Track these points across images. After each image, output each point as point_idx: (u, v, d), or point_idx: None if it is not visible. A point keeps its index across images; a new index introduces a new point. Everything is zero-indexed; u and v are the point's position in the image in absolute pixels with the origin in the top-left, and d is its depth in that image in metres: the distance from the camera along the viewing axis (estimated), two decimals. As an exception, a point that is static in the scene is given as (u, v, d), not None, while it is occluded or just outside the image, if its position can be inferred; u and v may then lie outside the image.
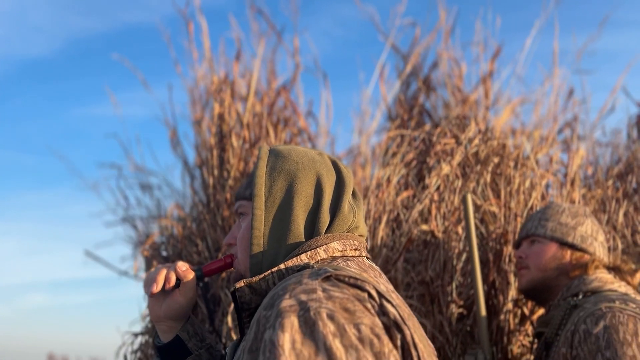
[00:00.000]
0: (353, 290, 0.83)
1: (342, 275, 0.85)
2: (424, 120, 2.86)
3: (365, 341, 0.78)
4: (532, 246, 1.74)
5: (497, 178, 2.34)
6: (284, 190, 0.98)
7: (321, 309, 0.78)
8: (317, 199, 0.98)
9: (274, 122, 2.51)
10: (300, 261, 0.93)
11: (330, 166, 1.02)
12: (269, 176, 1.00)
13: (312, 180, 0.99)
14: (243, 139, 2.42)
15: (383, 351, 0.78)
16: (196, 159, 2.59)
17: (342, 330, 0.77)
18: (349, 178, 1.02)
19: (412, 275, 2.14)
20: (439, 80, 2.92)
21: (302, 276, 0.85)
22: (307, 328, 0.77)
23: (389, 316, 0.82)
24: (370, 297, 0.83)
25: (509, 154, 2.37)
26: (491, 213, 2.25)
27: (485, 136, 2.41)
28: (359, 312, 0.80)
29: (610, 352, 1.42)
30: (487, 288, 2.11)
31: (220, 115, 2.42)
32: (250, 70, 2.53)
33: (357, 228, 1.02)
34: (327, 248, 0.95)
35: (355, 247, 0.99)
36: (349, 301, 0.81)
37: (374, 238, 2.16)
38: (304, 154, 1.02)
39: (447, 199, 2.25)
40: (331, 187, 1.00)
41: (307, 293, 0.81)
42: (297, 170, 0.99)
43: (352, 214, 1.00)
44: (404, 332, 0.82)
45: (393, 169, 2.31)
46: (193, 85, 2.55)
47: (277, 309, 0.80)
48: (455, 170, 2.30)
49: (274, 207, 0.98)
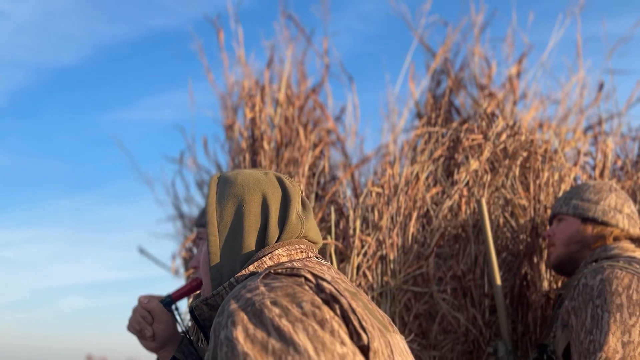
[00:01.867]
0: (291, 279, 0.93)
1: (280, 269, 0.95)
2: (452, 117, 2.88)
3: (308, 314, 0.86)
4: (559, 224, 1.84)
5: (526, 172, 2.36)
6: (233, 214, 1.06)
7: (265, 299, 0.87)
8: (264, 217, 1.06)
9: (303, 123, 2.57)
10: (248, 271, 1.01)
11: (276, 183, 1.10)
12: (219, 202, 1.08)
13: (259, 200, 1.07)
14: (275, 141, 2.48)
15: (325, 318, 0.87)
16: (229, 163, 2.67)
17: (286, 310, 0.86)
18: (294, 192, 1.10)
19: (444, 270, 2.18)
20: (469, 78, 2.94)
21: (246, 280, 0.95)
22: (256, 318, 0.85)
23: (325, 292, 0.91)
24: (307, 280, 0.93)
25: (537, 148, 2.38)
26: (521, 206, 2.28)
27: (513, 131, 2.43)
28: (299, 293, 0.89)
29: (600, 300, 1.50)
30: (519, 281, 2.14)
31: (251, 120, 2.49)
32: (281, 74, 2.60)
33: (307, 236, 1.10)
34: (272, 256, 1.03)
35: (302, 250, 1.07)
36: (289, 287, 0.90)
37: (404, 234, 2.21)
38: (249, 176, 1.10)
39: (477, 194, 2.28)
40: (277, 203, 1.08)
41: (250, 292, 0.89)
42: (243, 193, 1.07)
43: (300, 223, 1.08)
44: (341, 301, 0.90)
45: (422, 165, 2.35)
46: (224, 91, 2.62)
47: (227, 312, 0.88)
48: (484, 165, 2.33)
49: (226, 230, 1.06)
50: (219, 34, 2.61)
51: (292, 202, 1.08)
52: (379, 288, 2.08)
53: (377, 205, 2.19)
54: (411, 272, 2.13)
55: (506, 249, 2.22)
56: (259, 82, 2.57)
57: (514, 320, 2.13)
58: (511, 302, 2.14)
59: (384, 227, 2.16)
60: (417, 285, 2.15)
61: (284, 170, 2.43)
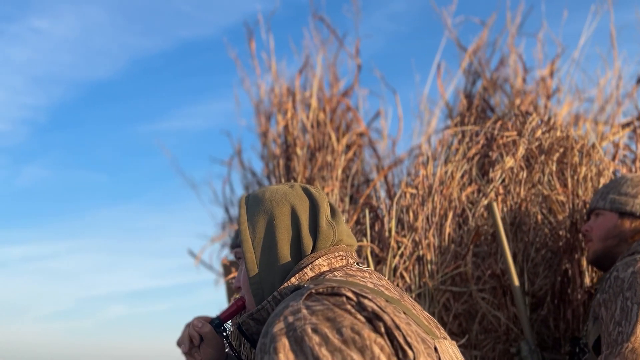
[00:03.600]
0: (332, 299, 0.93)
1: (321, 289, 0.95)
2: (485, 115, 2.86)
3: (348, 341, 0.87)
4: (596, 219, 1.82)
5: (563, 167, 2.33)
6: (265, 229, 1.10)
7: (306, 325, 0.88)
8: (295, 227, 1.09)
9: (336, 126, 2.59)
10: (291, 284, 1.03)
11: (302, 194, 1.13)
12: (250, 221, 1.12)
13: (288, 213, 1.10)
14: (307, 146, 2.51)
15: (365, 344, 0.87)
16: (264, 170, 2.71)
17: (325, 339, 0.86)
18: (321, 200, 1.12)
19: (483, 269, 2.16)
20: (505, 77, 2.92)
21: (289, 300, 0.96)
22: (297, 346, 0.86)
23: (367, 310, 0.91)
24: (348, 299, 0.93)
25: (574, 143, 2.35)
26: (559, 202, 2.25)
27: (548, 126, 2.40)
28: (338, 317, 0.89)
29: (630, 293, 1.47)
30: (559, 278, 2.11)
31: (284, 126, 2.52)
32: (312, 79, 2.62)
33: (341, 240, 1.12)
34: (313, 266, 1.05)
35: (342, 257, 1.09)
36: (329, 310, 0.91)
37: (440, 235, 2.20)
38: (276, 191, 1.13)
39: (513, 191, 2.26)
40: (306, 213, 1.10)
41: (293, 314, 0.91)
42: (272, 208, 1.10)
43: (331, 229, 1.10)
44: (384, 319, 0.90)
45: (456, 165, 2.34)
46: (257, 99, 2.66)
47: (270, 335, 0.89)
48: (519, 162, 2.30)
49: (260, 246, 1.09)
50: (251, 43, 2.65)
51: (320, 209, 1.10)
52: (417, 289, 2.08)
53: (412, 206, 2.20)
54: (449, 272, 2.12)
55: (545, 246, 2.19)
56: (290, 88, 2.60)
57: (556, 318, 2.10)
58: (552, 299, 2.11)
59: (420, 227, 2.15)
60: (455, 285, 2.14)
61: (318, 174, 2.45)
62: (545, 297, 2.11)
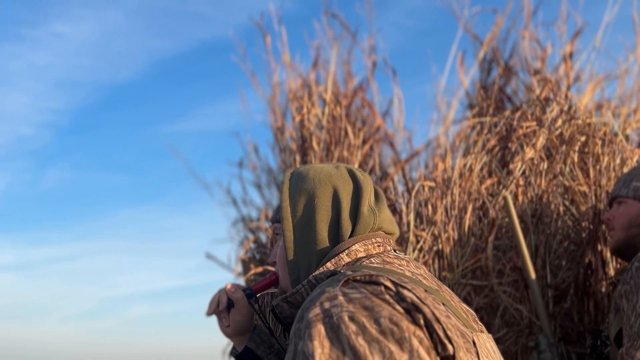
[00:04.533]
0: (370, 287, 0.90)
1: (358, 276, 0.92)
2: (504, 105, 2.81)
3: (386, 332, 0.84)
4: (618, 207, 1.77)
5: (585, 157, 2.28)
6: (305, 209, 1.08)
7: (342, 312, 0.85)
8: (336, 210, 1.07)
9: (352, 121, 2.57)
10: (326, 268, 1.01)
11: (347, 176, 1.10)
12: (292, 198, 1.10)
13: (329, 194, 1.07)
14: (324, 141, 2.49)
15: (404, 336, 0.84)
16: (280, 165, 2.69)
17: (363, 328, 0.84)
18: (365, 184, 1.09)
19: (504, 262, 2.13)
20: (520, 64, 2.86)
21: (325, 285, 0.93)
22: (333, 333, 0.84)
23: (406, 301, 0.87)
24: (386, 289, 0.89)
25: (596, 132, 2.30)
26: (581, 193, 2.20)
27: (569, 115, 2.35)
28: (376, 306, 0.86)
29: None
30: (583, 270, 2.06)
31: (300, 121, 2.50)
32: (326, 74, 2.60)
33: (382, 227, 1.09)
34: (350, 251, 1.03)
35: (379, 243, 1.06)
36: (367, 299, 0.88)
37: (460, 228, 2.17)
38: (321, 170, 1.11)
39: (534, 183, 2.21)
40: (348, 196, 1.08)
41: (329, 300, 0.88)
42: (314, 188, 1.08)
43: (372, 215, 1.07)
44: (423, 310, 0.86)
45: (475, 157, 2.30)
46: (271, 94, 2.65)
47: (306, 320, 0.87)
48: (539, 153, 2.26)
49: (300, 225, 1.07)
50: (265, 38, 2.64)
51: (363, 194, 1.08)
52: (437, 283, 2.05)
53: (431, 199, 2.17)
54: (469, 266, 2.09)
55: (568, 238, 2.14)
56: (305, 83, 2.58)
57: (580, 311, 2.06)
58: (575, 291, 2.07)
59: (439, 221, 2.12)
60: (476, 279, 2.11)
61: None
62: (568, 290, 2.07)
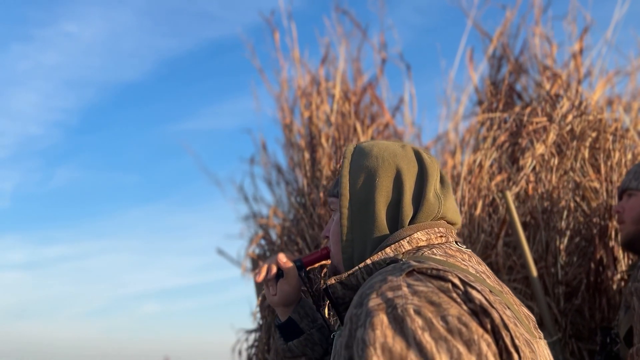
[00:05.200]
0: (437, 282, 0.85)
1: (425, 269, 0.86)
2: (513, 102, 2.80)
3: (454, 331, 0.79)
4: (629, 200, 1.72)
5: (596, 153, 2.26)
6: (365, 187, 1.03)
7: (407, 304, 0.81)
8: (397, 192, 1.01)
9: (361, 118, 2.56)
10: (386, 254, 0.97)
11: (412, 158, 1.04)
12: (352, 174, 1.05)
13: (392, 174, 1.02)
14: (332, 138, 2.48)
15: (473, 338, 0.79)
16: (289, 162, 2.69)
17: (430, 324, 0.79)
18: (432, 168, 1.03)
19: (514, 259, 2.11)
20: (530, 61, 2.84)
21: (387, 273, 0.88)
22: (397, 325, 0.79)
23: (474, 302, 0.82)
24: (454, 287, 0.84)
25: (607, 128, 2.28)
26: (592, 189, 2.18)
27: (580, 111, 2.33)
28: (444, 303, 0.81)
29: None
30: (594, 266, 2.05)
31: (308, 118, 2.50)
32: (335, 71, 2.60)
33: (445, 216, 1.03)
34: (411, 239, 0.98)
35: (441, 234, 1.01)
36: (434, 294, 0.83)
37: (470, 224, 2.16)
38: (385, 148, 1.05)
39: (545, 179, 2.20)
40: (412, 179, 1.02)
41: (392, 290, 0.83)
42: (377, 166, 1.03)
43: (438, 202, 1.02)
44: (492, 315, 0.81)
45: (484, 153, 2.29)
46: (279, 91, 2.65)
47: (366, 308, 0.83)
48: (550, 148, 2.24)
49: (358, 204, 1.03)
50: (274, 34, 2.63)
51: (429, 178, 1.02)
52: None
53: (440, 195, 2.15)
54: (479, 262, 2.08)
55: (579, 234, 2.13)
56: (314, 79, 2.58)
57: (591, 307, 2.04)
58: (587, 288, 2.05)
59: (448, 217, 2.11)
60: (486, 275, 2.10)
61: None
62: (579, 287, 2.05)
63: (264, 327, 2.40)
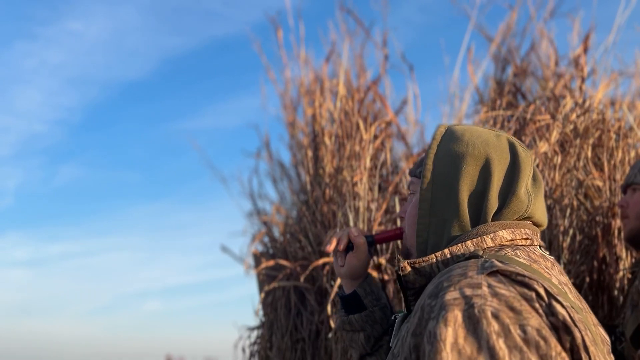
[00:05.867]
0: (520, 289, 0.80)
1: (509, 272, 0.81)
2: (517, 100, 2.79)
3: (531, 343, 0.74)
4: (633, 195, 1.69)
5: (599, 151, 2.26)
6: (450, 172, 0.97)
7: (485, 306, 0.76)
8: (483, 182, 0.95)
9: (364, 116, 2.56)
10: (466, 248, 0.92)
11: (506, 148, 0.98)
12: (439, 157, 0.99)
13: (480, 163, 0.96)
14: (335, 136, 2.49)
15: (550, 354, 0.74)
16: (292, 160, 2.70)
17: (506, 331, 0.75)
18: (526, 162, 0.97)
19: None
20: (535, 62, 2.84)
21: (468, 268, 0.83)
22: (471, 324, 0.75)
23: (557, 317, 0.77)
24: (538, 297, 0.79)
25: (610, 126, 2.27)
26: (595, 187, 2.18)
27: (583, 109, 2.33)
28: (525, 312, 0.77)
29: None
30: (597, 264, 2.05)
31: (312, 116, 2.50)
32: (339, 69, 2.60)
33: (532, 217, 0.98)
34: (495, 236, 0.92)
35: (527, 236, 0.95)
36: (515, 300, 0.78)
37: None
38: (478, 135, 0.99)
39: (548, 176, 2.20)
40: (502, 172, 0.96)
41: (472, 287, 0.79)
42: (465, 153, 0.97)
43: (527, 200, 0.96)
44: (574, 334, 0.77)
45: (487, 151, 2.28)
46: (283, 88, 2.65)
47: (442, 301, 0.79)
48: (553, 146, 2.24)
49: (440, 188, 0.97)
50: (278, 32, 2.64)
51: (521, 173, 0.95)
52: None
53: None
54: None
55: (582, 232, 2.13)
56: (318, 77, 2.58)
57: (594, 306, 2.04)
58: (590, 286, 2.05)
59: (451, 215, 2.11)
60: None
61: (346, 164, 2.43)
62: (582, 285, 2.05)
63: (266, 324, 2.41)
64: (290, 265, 2.34)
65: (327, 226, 2.46)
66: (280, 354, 2.36)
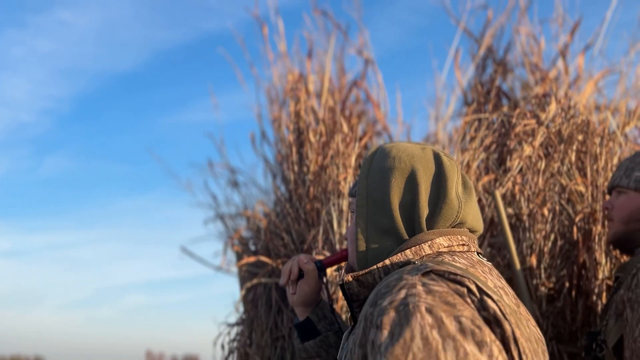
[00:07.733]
0: (453, 285, 0.84)
1: (442, 271, 0.86)
2: (502, 103, 2.80)
3: (467, 331, 0.78)
4: (618, 197, 1.64)
5: (583, 156, 2.27)
6: (380, 187, 1.02)
7: (420, 302, 0.80)
8: (410, 193, 1.00)
9: (347, 116, 2.55)
10: (405, 256, 0.96)
11: (430, 159, 1.03)
12: (372, 175, 1.04)
13: (406, 174, 1.01)
14: (320, 133, 2.47)
15: (485, 340, 0.78)
16: (276, 156, 2.68)
17: (439, 322, 0.78)
18: (451, 170, 1.02)
19: (498, 260, 2.12)
20: (516, 60, 2.84)
21: (403, 272, 0.88)
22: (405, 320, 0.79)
23: (488, 311, 0.82)
24: (470, 292, 0.84)
25: (594, 131, 2.28)
26: (578, 192, 2.19)
27: (568, 114, 2.33)
28: (459, 305, 0.81)
29: None
30: (576, 269, 2.06)
31: (296, 113, 2.49)
32: (323, 67, 2.58)
33: (465, 222, 1.02)
34: (432, 244, 0.97)
35: (464, 242, 0.99)
36: (449, 294, 0.82)
37: (456, 224, 2.16)
38: (404, 150, 1.04)
39: (531, 181, 2.20)
40: (428, 180, 1.00)
41: (406, 288, 0.83)
42: (393, 167, 1.02)
43: (458, 204, 1.00)
44: (504, 326, 0.81)
45: (472, 153, 2.28)
46: (269, 85, 2.63)
47: (380, 307, 0.83)
48: (537, 150, 2.24)
49: (374, 203, 1.02)
50: (263, 28, 2.61)
51: (448, 180, 1.00)
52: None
53: (427, 195, 2.15)
54: (463, 263, 2.08)
55: (563, 237, 2.13)
56: (302, 73, 2.56)
57: (573, 310, 2.05)
58: (569, 291, 2.07)
59: (434, 217, 2.11)
60: (469, 276, 2.10)
61: (331, 162, 2.41)
62: (562, 289, 2.06)
63: (246, 321, 2.39)
64: (272, 263, 2.33)
65: (310, 224, 2.45)
66: (260, 351, 2.35)
